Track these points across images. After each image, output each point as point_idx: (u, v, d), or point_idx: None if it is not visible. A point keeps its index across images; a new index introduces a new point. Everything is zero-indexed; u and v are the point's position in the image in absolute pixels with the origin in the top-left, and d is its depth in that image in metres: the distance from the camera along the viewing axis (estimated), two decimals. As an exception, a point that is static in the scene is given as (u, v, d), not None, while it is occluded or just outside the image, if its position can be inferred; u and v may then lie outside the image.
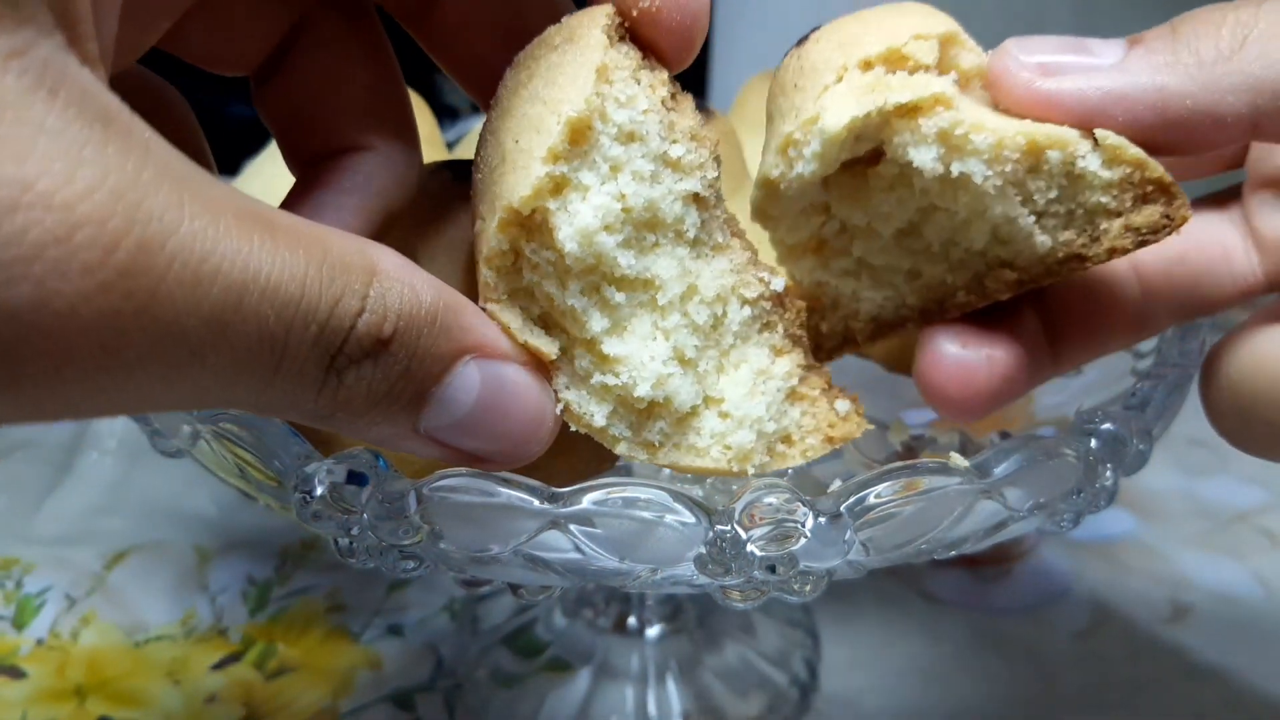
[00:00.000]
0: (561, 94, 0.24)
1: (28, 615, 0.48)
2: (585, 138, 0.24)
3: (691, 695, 0.44)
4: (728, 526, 0.24)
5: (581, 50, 0.24)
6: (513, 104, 0.25)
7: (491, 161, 0.25)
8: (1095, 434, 0.27)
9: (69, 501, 0.55)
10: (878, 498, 0.25)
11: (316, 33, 0.28)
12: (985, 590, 0.50)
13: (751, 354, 0.27)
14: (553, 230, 0.24)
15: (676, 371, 0.26)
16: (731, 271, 0.27)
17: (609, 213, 0.24)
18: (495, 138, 0.25)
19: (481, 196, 0.25)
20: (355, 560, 0.26)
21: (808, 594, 0.26)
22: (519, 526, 0.24)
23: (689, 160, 0.25)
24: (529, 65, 0.25)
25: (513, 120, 0.25)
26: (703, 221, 0.26)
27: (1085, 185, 0.26)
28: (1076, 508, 0.27)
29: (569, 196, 0.24)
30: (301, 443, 0.26)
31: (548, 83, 0.24)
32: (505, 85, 0.26)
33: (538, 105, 0.24)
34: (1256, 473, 0.58)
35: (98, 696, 0.44)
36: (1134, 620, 0.48)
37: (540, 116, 0.24)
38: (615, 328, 0.25)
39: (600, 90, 0.24)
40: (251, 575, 0.50)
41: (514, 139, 0.24)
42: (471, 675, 0.45)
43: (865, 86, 0.26)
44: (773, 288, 0.27)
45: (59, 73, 0.16)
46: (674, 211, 0.25)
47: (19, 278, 0.16)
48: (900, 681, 0.45)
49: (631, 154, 0.25)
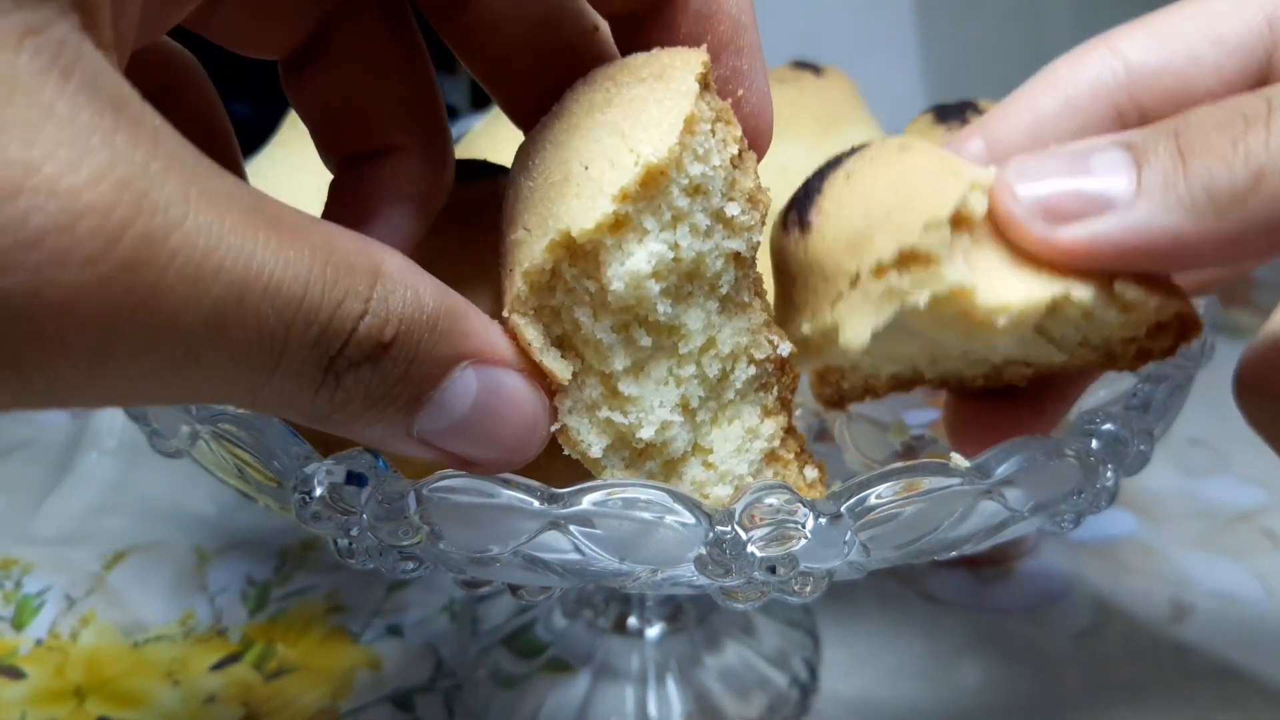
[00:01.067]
0: (645, 134, 0.24)
1: (27, 615, 0.48)
2: (658, 184, 0.24)
3: (691, 695, 0.44)
4: (728, 527, 0.24)
5: (672, 94, 0.24)
6: (584, 124, 0.25)
7: (550, 175, 0.25)
8: (1096, 434, 0.27)
9: (68, 501, 0.55)
10: (878, 498, 0.25)
11: (355, 21, 0.27)
12: (985, 590, 0.50)
13: (745, 411, 0.28)
14: (602, 265, 0.24)
15: (679, 420, 0.26)
16: (748, 331, 0.27)
17: (661, 260, 0.24)
18: (559, 152, 0.25)
19: (529, 206, 0.25)
20: (355, 561, 0.26)
21: (808, 594, 0.26)
22: (519, 527, 0.24)
23: (741, 221, 0.26)
24: (607, 88, 0.25)
25: (582, 141, 0.24)
26: (736, 279, 0.26)
27: (1103, 326, 0.26)
28: (1077, 508, 0.27)
29: (627, 236, 0.24)
30: (301, 443, 0.26)
31: (630, 116, 0.24)
32: (576, 100, 0.26)
33: (615, 137, 0.24)
34: (1257, 473, 0.58)
35: (97, 697, 0.44)
36: (1135, 620, 0.48)
37: (617, 150, 0.24)
38: (635, 368, 0.26)
39: (683, 140, 0.24)
40: (251, 576, 0.50)
41: (583, 163, 0.24)
42: (471, 675, 0.45)
43: (882, 293, 0.25)
44: (780, 352, 0.27)
45: (73, 55, 0.16)
46: (715, 267, 0.26)
47: (16, 264, 0.15)
48: (900, 681, 0.45)
49: (694, 207, 0.25)
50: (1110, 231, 0.23)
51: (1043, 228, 0.24)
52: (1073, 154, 0.25)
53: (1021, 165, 0.25)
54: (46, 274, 0.16)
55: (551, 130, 0.26)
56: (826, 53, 0.55)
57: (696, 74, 0.24)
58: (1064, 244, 0.24)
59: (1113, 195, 0.23)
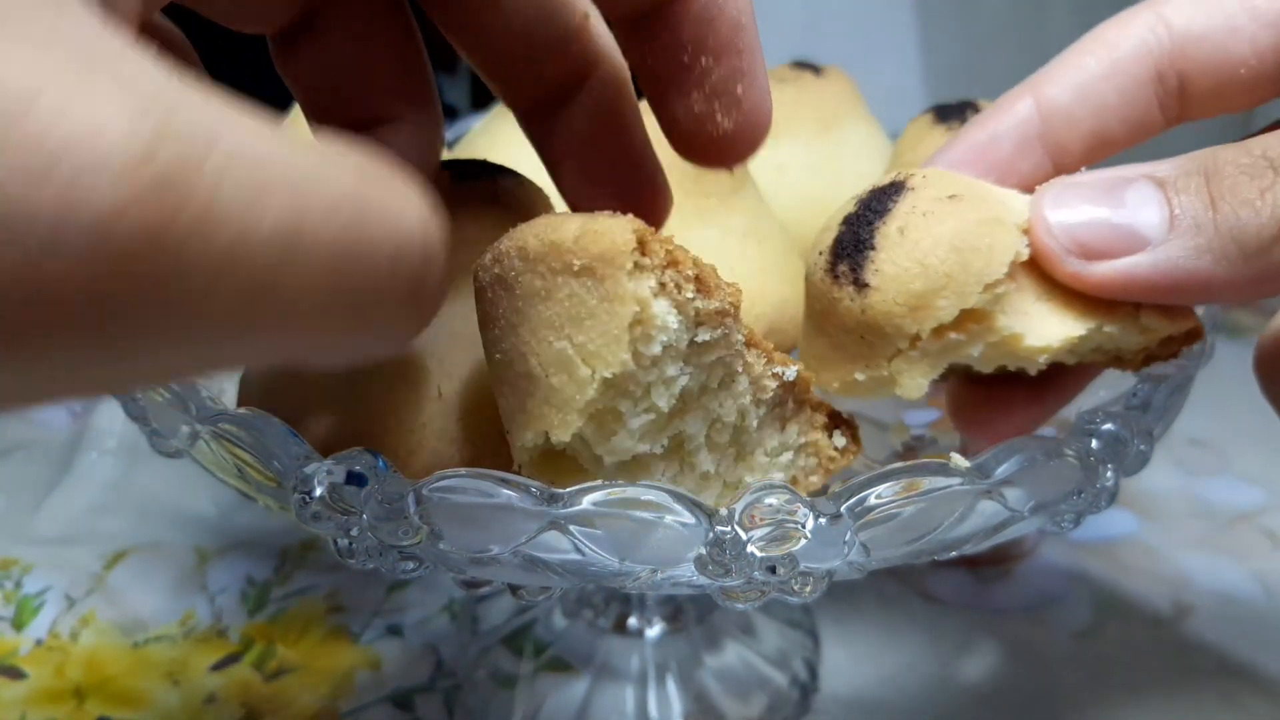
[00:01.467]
0: (593, 346, 0.23)
1: (27, 615, 0.48)
2: (622, 384, 0.24)
3: (691, 696, 0.44)
4: (728, 527, 0.24)
5: (610, 298, 0.23)
6: (529, 311, 0.24)
7: (516, 367, 0.24)
8: (1096, 434, 0.27)
9: (68, 501, 0.55)
10: (878, 498, 0.25)
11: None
12: (985, 590, 0.50)
13: (766, 437, 0.28)
14: (591, 446, 0.25)
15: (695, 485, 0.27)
16: (749, 388, 0.27)
17: (646, 424, 0.25)
18: (518, 343, 0.24)
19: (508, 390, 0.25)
20: (355, 561, 0.26)
21: (808, 594, 0.26)
22: (519, 527, 0.24)
23: (715, 337, 0.25)
24: (543, 273, 0.24)
25: (536, 340, 0.24)
26: (725, 367, 0.26)
27: (1122, 343, 0.27)
28: (1077, 508, 0.27)
29: (607, 427, 0.24)
30: (301, 443, 0.26)
31: (573, 320, 0.23)
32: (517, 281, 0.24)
33: (565, 344, 0.23)
34: (1257, 473, 0.58)
35: (97, 697, 0.44)
36: (1135, 620, 0.48)
37: (571, 362, 0.23)
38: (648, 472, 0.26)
39: (634, 336, 0.23)
40: (251, 576, 0.50)
41: (544, 370, 0.24)
42: (471, 675, 0.45)
43: (940, 349, 0.26)
44: (786, 379, 0.27)
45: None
46: (700, 380, 0.26)
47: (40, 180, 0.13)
48: (900, 681, 0.45)
49: (664, 368, 0.24)
50: (1141, 270, 0.25)
51: (1077, 264, 0.26)
52: (1106, 184, 0.26)
53: (1056, 195, 0.26)
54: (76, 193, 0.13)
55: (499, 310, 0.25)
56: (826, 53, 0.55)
57: (627, 268, 0.23)
58: (1096, 280, 0.26)
59: (1143, 232, 0.25)
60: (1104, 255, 0.25)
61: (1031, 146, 0.29)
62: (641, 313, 0.23)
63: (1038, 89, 0.29)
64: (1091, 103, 0.29)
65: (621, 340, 0.23)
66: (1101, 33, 0.29)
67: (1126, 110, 0.29)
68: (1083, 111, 0.29)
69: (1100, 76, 0.28)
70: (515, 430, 0.25)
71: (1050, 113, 0.29)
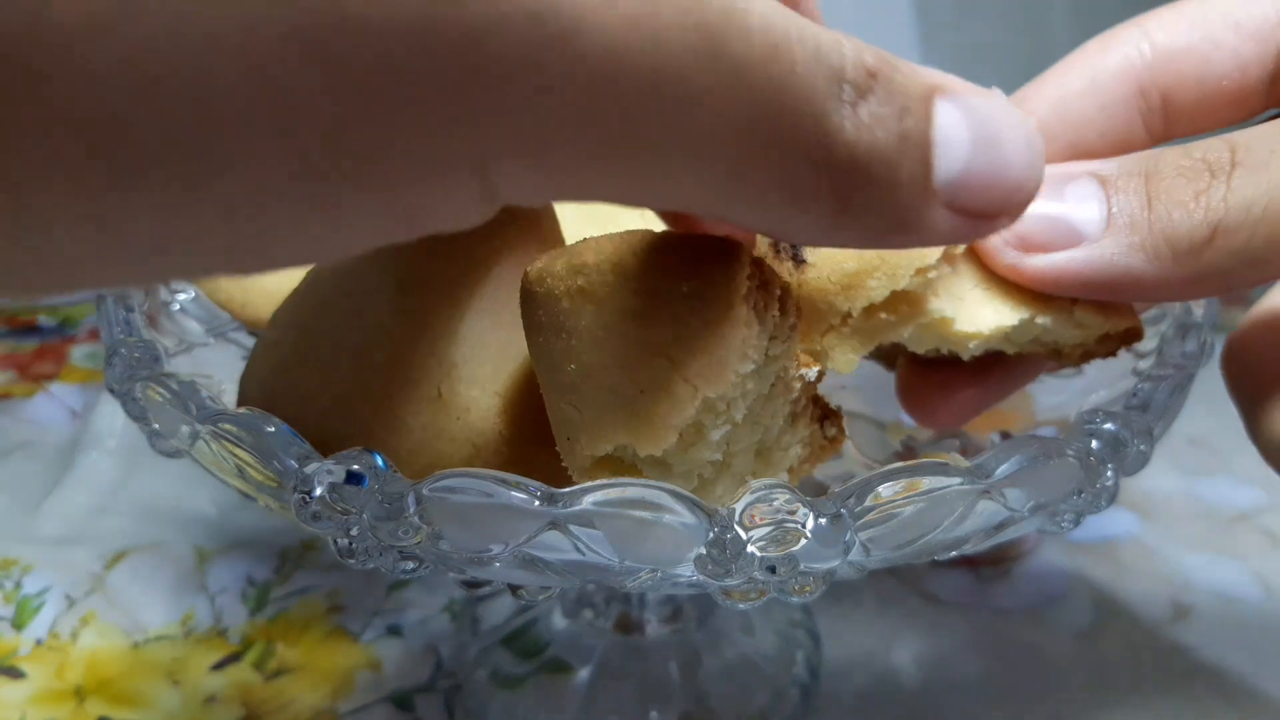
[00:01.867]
0: (697, 367, 0.23)
1: (27, 615, 0.48)
2: (715, 405, 0.24)
3: (691, 695, 0.44)
4: (728, 527, 0.24)
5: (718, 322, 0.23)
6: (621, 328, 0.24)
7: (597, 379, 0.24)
8: (1096, 434, 0.27)
9: (69, 501, 0.55)
10: (878, 498, 0.25)
11: None
12: (985, 590, 0.50)
13: (785, 435, 0.28)
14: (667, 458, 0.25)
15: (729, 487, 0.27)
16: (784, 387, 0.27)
17: (721, 440, 0.25)
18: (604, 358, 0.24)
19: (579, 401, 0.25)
20: (355, 561, 0.26)
21: (808, 594, 0.26)
22: (518, 527, 0.24)
23: (782, 350, 0.26)
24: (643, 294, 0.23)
25: (629, 356, 0.24)
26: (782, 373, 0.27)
27: (1058, 338, 0.28)
28: (1077, 508, 0.27)
29: (689, 438, 0.24)
30: (301, 443, 0.26)
31: (677, 340, 0.23)
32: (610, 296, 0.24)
33: (663, 359, 0.23)
34: (1257, 473, 0.58)
35: (97, 697, 0.44)
36: (1135, 620, 0.48)
37: (669, 379, 0.23)
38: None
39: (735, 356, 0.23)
40: (251, 576, 0.50)
41: (637, 386, 0.23)
42: (471, 675, 0.45)
43: (871, 328, 0.27)
44: (809, 380, 0.27)
45: None
46: (763, 390, 0.26)
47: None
48: (900, 682, 0.45)
49: (746, 382, 0.25)
50: (1074, 265, 0.25)
51: (1013, 255, 0.26)
52: (1049, 179, 0.25)
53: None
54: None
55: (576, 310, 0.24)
56: (826, 53, 0.55)
57: (741, 292, 0.23)
58: (1031, 272, 0.26)
59: (1080, 228, 0.25)
60: (1041, 248, 0.26)
61: None
62: (746, 332, 0.24)
63: (1019, 104, 0.29)
64: (1070, 118, 0.29)
65: (727, 363, 0.23)
66: (1086, 49, 0.29)
67: (1106, 125, 0.29)
68: (1060, 126, 0.29)
69: (1080, 92, 0.29)
70: (585, 439, 0.25)
71: None
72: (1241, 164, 0.24)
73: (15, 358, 0.67)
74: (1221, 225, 0.24)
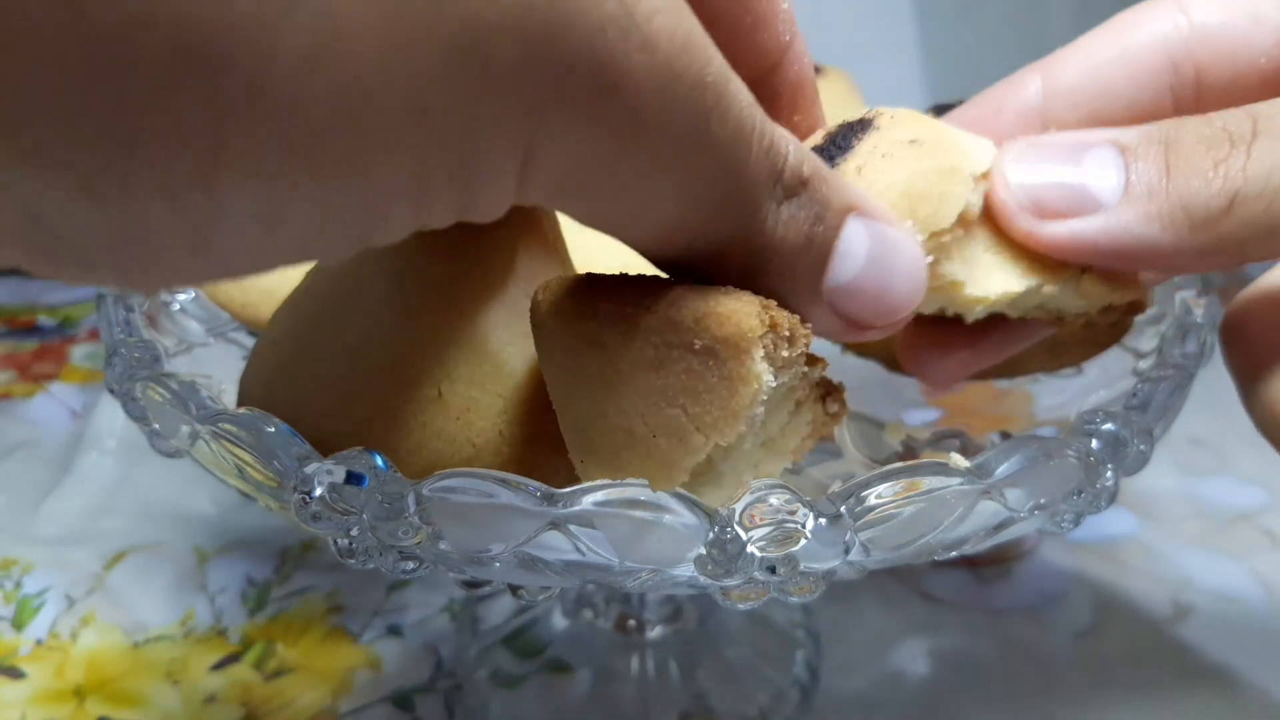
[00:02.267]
0: (709, 418, 0.23)
1: (27, 615, 0.48)
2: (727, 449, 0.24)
3: (691, 695, 0.44)
4: (728, 527, 0.24)
5: (731, 378, 0.23)
6: (635, 379, 0.24)
7: (613, 420, 0.24)
8: (1096, 434, 0.27)
9: (69, 501, 0.55)
10: (878, 498, 0.25)
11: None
12: (985, 590, 0.50)
13: (790, 429, 0.28)
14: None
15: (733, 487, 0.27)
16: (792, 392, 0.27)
17: (729, 465, 0.25)
18: (618, 401, 0.24)
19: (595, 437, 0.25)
20: (355, 561, 0.26)
21: (808, 594, 0.26)
22: (519, 527, 0.24)
23: (791, 379, 0.25)
24: (657, 346, 0.23)
25: (644, 404, 0.24)
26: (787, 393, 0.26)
27: (1061, 305, 0.28)
28: (1077, 508, 0.27)
29: (700, 472, 0.24)
30: (301, 443, 0.26)
31: (688, 392, 0.23)
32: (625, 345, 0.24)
33: (678, 412, 0.23)
34: (1257, 473, 0.58)
35: (97, 697, 0.44)
36: (1134, 620, 0.48)
37: (685, 429, 0.23)
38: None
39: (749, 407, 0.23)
40: (251, 576, 0.50)
41: (651, 431, 0.24)
42: (471, 675, 0.45)
43: None
44: (812, 379, 0.27)
45: None
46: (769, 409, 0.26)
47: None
48: (900, 681, 0.45)
49: (757, 419, 0.24)
50: (1090, 233, 0.25)
51: (1029, 221, 0.26)
52: (1068, 145, 0.26)
53: (1020, 152, 0.26)
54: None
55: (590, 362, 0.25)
56: (826, 53, 0.55)
57: (753, 352, 0.23)
58: (1046, 239, 0.26)
59: (1098, 195, 0.25)
60: (1058, 215, 0.25)
61: (1030, 121, 0.29)
62: (758, 385, 0.23)
63: (1047, 68, 0.29)
64: (1098, 85, 0.29)
65: (740, 414, 0.23)
66: (1119, 19, 0.29)
67: (1133, 95, 0.28)
68: (1087, 93, 0.29)
69: (1109, 60, 0.28)
70: (600, 472, 0.25)
71: (1054, 91, 0.29)
72: (1263, 133, 0.23)
73: (15, 358, 0.67)
74: (1240, 195, 0.23)
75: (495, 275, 0.29)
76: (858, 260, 0.23)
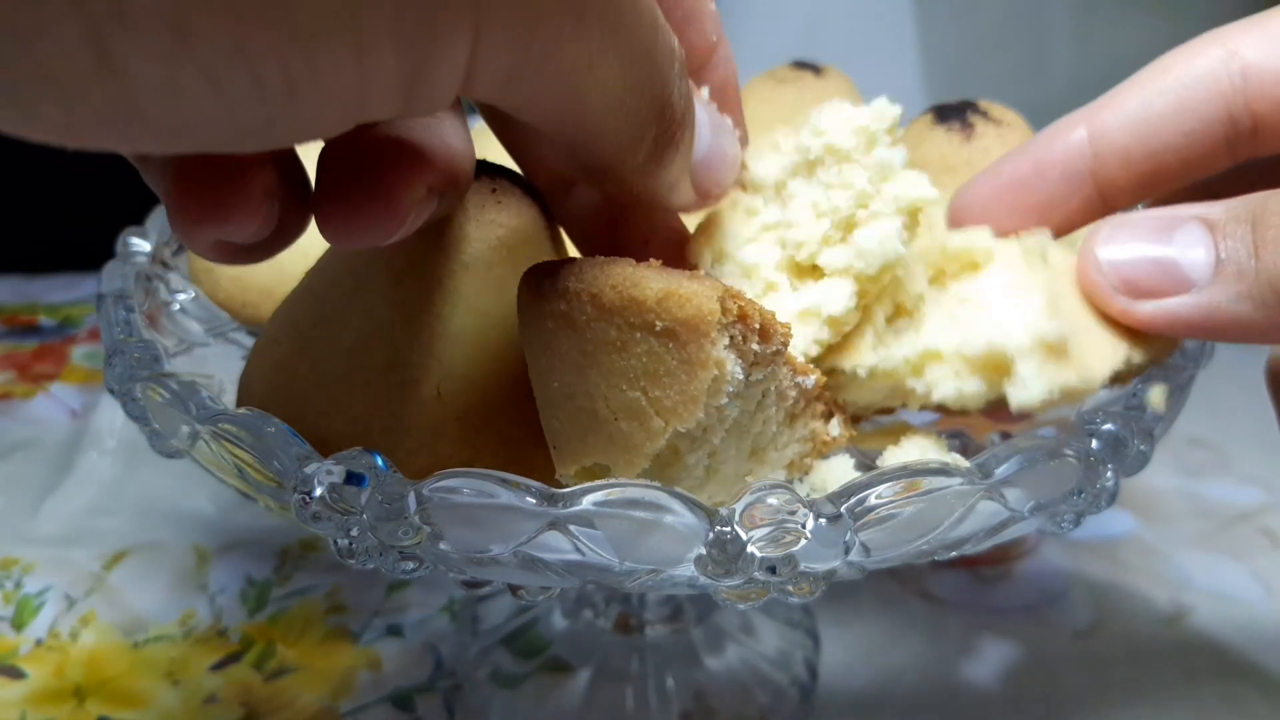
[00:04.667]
0: (669, 402, 0.24)
1: (27, 615, 0.48)
2: (690, 431, 0.24)
3: (691, 695, 0.44)
4: (728, 528, 0.24)
5: (691, 362, 0.23)
6: (603, 361, 0.24)
7: (579, 402, 0.25)
8: (1096, 435, 0.27)
9: (68, 501, 0.55)
10: (878, 499, 0.25)
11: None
12: (985, 590, 0.50)
13: (780, 436, 0.28)
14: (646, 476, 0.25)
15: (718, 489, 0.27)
16: (778, 398, 0.27)
17: (700, 461, 0.25)
18: (583, 382, 0.24)
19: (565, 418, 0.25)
20: (355, 561, 0.26)
21: (808, 594, 0.26)
22: (519, 527, 0.24)
23: (765, 375, 0.26)
24: (620, 327, 0.24)
25: (606, 385, 0.24)
26: (765, 391, 0.26)
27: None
28: (1077, 508, 0.27)
29: (665, 459, 0.25)
30: (301, 443, 0.26)
31: (649, 376, 0.24)
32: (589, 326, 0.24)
33: (639, 395, 0.24)
34: (1257, 473, 0.58)
35: (97, 697, 0.44)
36: (1134, 620, 0.48)
37: (645, 413, 0.24)
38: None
39: (709, 390, 0.23)
40: (250, 576, 0.50)
41: (613, 414, 0.24)
42: (471, 675, 0.45)
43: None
44: (805, 388, 0.27)
45: None
46: (745, 409, 0.26)
47: None
48: (900, 681, 0.45)
49: (724, 410, 0.25)
50: (1184, 311, 0.26)
51: (1124, 301, 0.27)
52: (1157, 223, 0.26)
53: (1109, 233, 0.27)
54: None
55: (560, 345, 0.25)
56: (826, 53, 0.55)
57: (712, 335, 0.23)
58: (1142, 318, 0.27)
59: (1189, 273, 0.26)
60: (1150, 294, 0.26)
61: (1082, 181, 0.29)
62: (719, 373, 0.24)
63: (1093, 120, 0.29)
64: (1153, 144, 0.28)
65: (699, 400, 0.23)
66: (1167, 66, 0.28)
67: (1189, 151, 0.28)
68: (1141, 152, 0.28)
69: (1164, 115, 0.28)
70: (569, 454, 0.26)
71: (1105, 148, 0.29)
72: None
73: (15, 358, 0.67)
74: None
75: (496, 276, 0.29)
76: (704, 139, 0.27)
